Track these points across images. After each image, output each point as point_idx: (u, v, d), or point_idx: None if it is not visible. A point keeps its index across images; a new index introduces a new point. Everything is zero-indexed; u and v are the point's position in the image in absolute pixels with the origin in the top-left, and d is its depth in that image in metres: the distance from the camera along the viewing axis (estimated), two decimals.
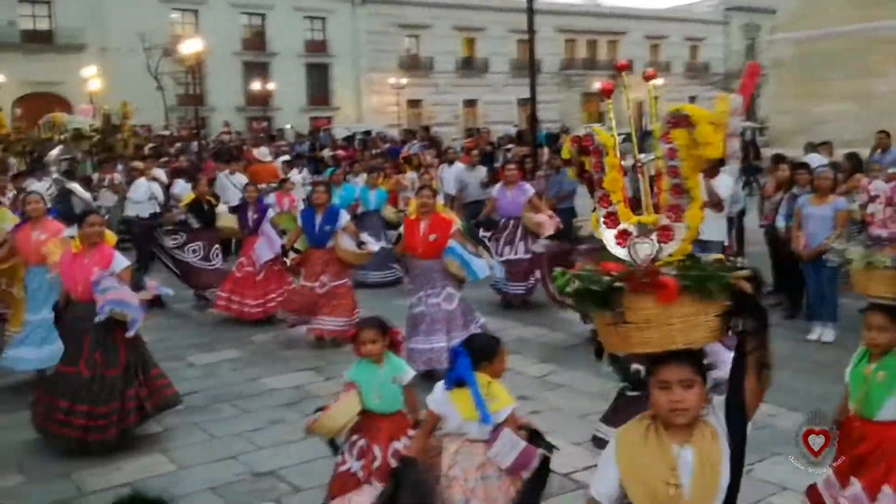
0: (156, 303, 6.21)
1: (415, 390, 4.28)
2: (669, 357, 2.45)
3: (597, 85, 57.59)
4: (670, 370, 2.46)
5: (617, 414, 4.86)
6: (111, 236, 6.42)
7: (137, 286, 6.14)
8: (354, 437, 4.16)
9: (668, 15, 64.57)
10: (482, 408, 3.65)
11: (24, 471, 5.61)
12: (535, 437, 3.81)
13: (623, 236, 2.60)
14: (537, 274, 9.57)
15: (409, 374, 4.24)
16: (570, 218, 11.62)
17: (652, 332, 2.41)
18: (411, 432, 4.13)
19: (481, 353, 3.80)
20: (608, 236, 2.63)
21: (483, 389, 3.69)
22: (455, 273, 7.19)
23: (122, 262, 6.09)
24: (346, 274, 8.63)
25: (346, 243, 8.41)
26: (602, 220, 2.65)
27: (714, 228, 7.94)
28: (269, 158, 16.44)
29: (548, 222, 9.51)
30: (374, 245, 8.64)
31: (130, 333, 5.76)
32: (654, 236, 2.57)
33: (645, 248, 2.56)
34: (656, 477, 2.45)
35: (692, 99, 63.85)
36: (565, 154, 2.80)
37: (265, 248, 9.31)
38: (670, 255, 2.55)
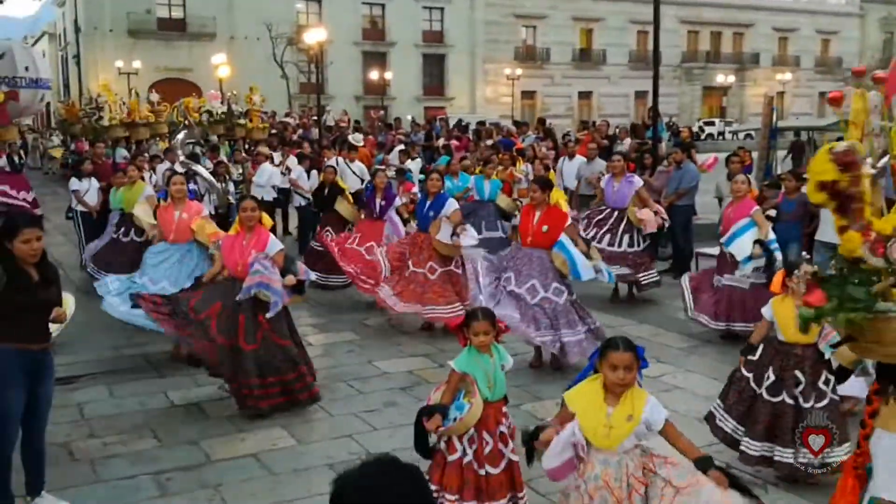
0: (297, 289, 6.43)
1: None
2: None
3: (719, 78, 56.02)
4: None
5: None
6: (268, 219, 6.64)
7: (288, 270, 6.33)
8: None
9: (798, 6, 61.77)
10: None
11: (157, 436, 5.94)
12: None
13: (879, 244, 2.54)
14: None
15: (511, 361, 4.38)
16: (690, 215, 11.38)
17: None
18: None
19: None
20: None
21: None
22: (559, 268, 7.21)
23: (276, 245, 6.35)
24: (453, 260, 8.56)
25: (441, 233, 8.41)
26: (861, 235, 2.57)
27: None
28: (361, 143, 17.41)
29: (651, 219, 9.29)
30: (470, 239, 8.35)
31: (270, 315, 6.11)
32: None
33: None
34: None
35: (822, 95, 61.19)
36: (827, 176, 2.64)
37: (392, 233, 9.54)
38: None
